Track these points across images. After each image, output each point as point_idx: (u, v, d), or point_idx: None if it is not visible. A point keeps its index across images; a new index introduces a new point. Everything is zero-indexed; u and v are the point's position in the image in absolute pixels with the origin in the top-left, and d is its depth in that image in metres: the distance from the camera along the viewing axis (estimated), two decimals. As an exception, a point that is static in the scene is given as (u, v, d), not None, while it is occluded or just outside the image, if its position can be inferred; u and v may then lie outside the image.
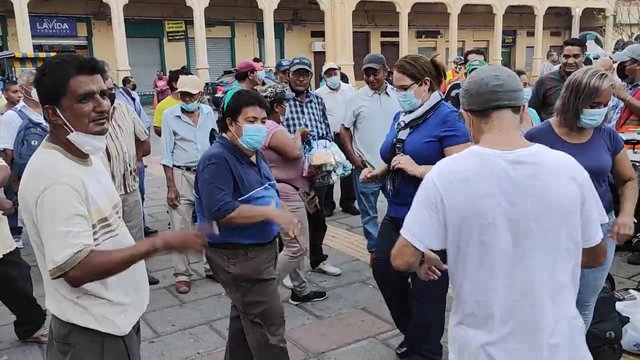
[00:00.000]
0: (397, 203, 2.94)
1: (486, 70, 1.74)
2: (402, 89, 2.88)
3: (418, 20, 31.96)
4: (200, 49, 24.72)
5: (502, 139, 1.66)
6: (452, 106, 3.01)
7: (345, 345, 3.51)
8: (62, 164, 1.76)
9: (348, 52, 28.18)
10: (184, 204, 4.47)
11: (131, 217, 4.32)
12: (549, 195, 1.60)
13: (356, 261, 4.96)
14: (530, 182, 1.60)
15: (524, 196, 1.60)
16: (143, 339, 3.62)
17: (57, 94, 1.73)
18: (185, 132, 4.44)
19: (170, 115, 4.49)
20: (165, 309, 4.13)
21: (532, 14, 34.18)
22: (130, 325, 1.91)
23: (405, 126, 2.94)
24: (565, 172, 1.64)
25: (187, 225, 4.51)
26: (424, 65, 2.89)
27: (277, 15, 26.63)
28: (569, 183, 1.62)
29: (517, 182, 1.60)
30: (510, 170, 1.60)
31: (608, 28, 32.41)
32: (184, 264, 4.50)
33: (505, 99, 1.67)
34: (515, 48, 37.22)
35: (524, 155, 1.63)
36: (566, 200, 1.61)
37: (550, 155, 1.67)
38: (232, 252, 2.67)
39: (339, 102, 5.64)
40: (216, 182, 2.57)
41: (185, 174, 4.45)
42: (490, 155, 1.63)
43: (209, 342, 3.63)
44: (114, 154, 4.05)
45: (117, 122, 4.14)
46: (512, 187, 1.60)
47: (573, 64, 4.71)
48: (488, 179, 1.60)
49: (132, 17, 23.66)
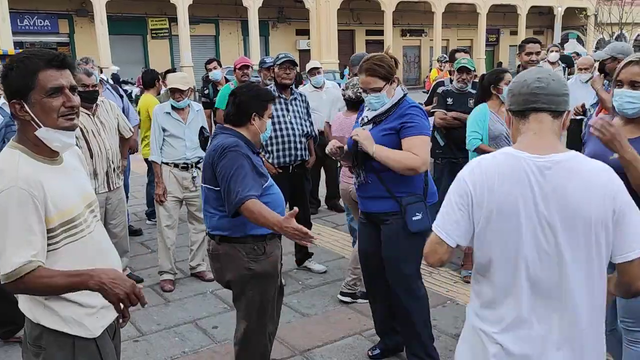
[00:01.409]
0: (365, 197, 2.96)
1: (531, 71, 1.71)
2: (376, 91, 2.87)
3: (403, 19, 32.09)
4: (184, 46, 24.53)
5: (535, 143, 1.64)
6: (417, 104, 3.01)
7: (331, 343, 3.52)
8: (22, 166, 1.70)
9: (333, 51, 28.19)
10: (171, 200, 4.44)
11: (115, 215, 4.29)
12: (577, 206, 1.56)
13: (341, 258, 4.97)
14: (559, 191, 1.57)
15: (550, 204, 1.58)
16: (127, 338, 3.61)
17: (26, 88, 1.68)
18: (174, 129, 4.40)
19: (160, 111, 4.46)
20: (150, 308, 4.10)
21: (515, 13, 34.48)
22: (101, 328, 1.87)
23: (369, 122, 2.95)
24: (599, 183, 1.58)
25: (173, 222, 4.48)
26: (389, 63, 2.88)
27: (262, 13, 26.53)
28: (601, 196, 1.57)
29: (544, 189, 1.58)
30: (539, 175, 1.59)
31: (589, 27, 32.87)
32: (169, 262, 4.47)
33: (545, 102, 1.64)
34: (499, 47, 37.53)
35: (556, 162, 1.60)
36: (595, 213, 1.56)
37: (586, 165, 1.62)
38: (251, 247, 2.64)
39: (323, 100, 5.65)
40: (239, 168, 2.53)
41: (173, 171, 4.42)
42: (520, 158, 1.62)
43: (194, 340, 3.61)
44: (96, 151, 4.01)
45: (99, 119, 4.10)
46: (538, 193, 1.58)
47: (535, 61, 4.91)
48: (515, 182, 1.60)
49: (114, 14, 23.41)
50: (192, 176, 4.44)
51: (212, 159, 2.61)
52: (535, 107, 1.65)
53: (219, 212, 2.65)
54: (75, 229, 1.81)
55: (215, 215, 2.67)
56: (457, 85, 4.79)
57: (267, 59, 5.74)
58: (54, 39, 24.52)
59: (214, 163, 2.59)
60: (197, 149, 4.48)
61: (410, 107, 2.89)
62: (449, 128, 4.68)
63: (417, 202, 2.91)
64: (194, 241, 4.63)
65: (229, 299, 4.20)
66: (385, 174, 2.89)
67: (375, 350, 3.38)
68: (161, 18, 26.38)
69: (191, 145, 4.43)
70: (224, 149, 2.57)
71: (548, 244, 1.59)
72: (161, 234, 4.48)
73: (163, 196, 4.40)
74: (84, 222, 1.84)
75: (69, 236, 1.79)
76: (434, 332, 3.57)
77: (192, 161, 4.45)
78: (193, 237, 4.64)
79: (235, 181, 2.50)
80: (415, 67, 34.15)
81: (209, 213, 2.72)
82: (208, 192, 2.68)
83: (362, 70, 2.91)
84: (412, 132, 2.82)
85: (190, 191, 4.47)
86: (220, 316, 3.94)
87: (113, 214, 4.28)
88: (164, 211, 4.45)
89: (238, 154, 2.56)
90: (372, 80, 2.86)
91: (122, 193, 4.40)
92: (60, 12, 24.23)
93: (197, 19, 25.96)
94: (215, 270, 2.84)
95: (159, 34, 26.76)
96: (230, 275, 2.71)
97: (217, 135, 2.73)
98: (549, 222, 1.58)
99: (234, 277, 2.70)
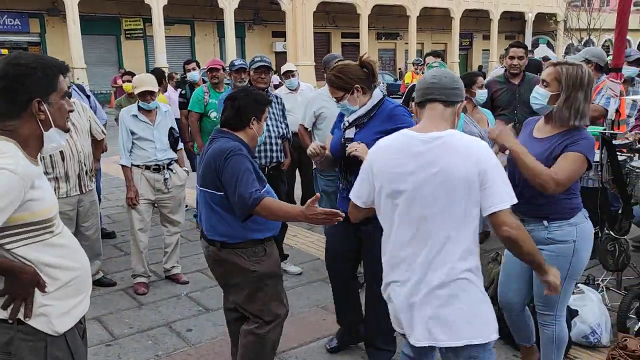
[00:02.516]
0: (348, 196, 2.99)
1: (431, 71, 2.14)
2: (338, 100, 2.97)
3: (378, 22, 32.35)
4: (159, 47, 24.29)
5: (425, 125, 2.07)
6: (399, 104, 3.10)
7: (306, 344, 3.53)
8: (20, 160, 1.73)
9: (309, 53, 28.25)
10: (143, 203, 4.40)
11: (87, 218, 4.23)
12: (450, 170, 1.95)
13: (317, 260, 4.98)
14: (436, 158, 1.97)
15: (430, 168, 1.97)
16: (99, 342, 3.56)
17: (50, 89, 1.81)
18: (142, 131, 4.36)
19: (126, 114, 4.40)
20: (123, 311, 4.05)
21: (488, 18, 35.09)
22: (68, 326, 1.86)
23: (350, 125, 3.00)
24: (467, 152, 1.96)
25: (146, 225, 4.44)
26: (350, 73, 2.91)
27: (238, 15, 26.45)
28: (468, 162, 1.94)
29: (426, 158, 1.98)
30: (421, 147, 2.00)
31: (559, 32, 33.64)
32: (142, 265, 4.43)
33: (437, 93, 2.06)
34: (472, 51, 38.11)
35: (435, 137, 2.00)
36: (465, 176, 1.94)
37: (460, 139, 2.00)
38: (252, 250, 2.66)
39: (298, 103, 5.66)
40: (247, 171, 2.53)
41: (144, 173, 4.37)
42: (410, 136, 2.06)
43: (168, 343, 3.58)
44: (68, 153, 3.95)
45: (71, 121, 4.03)
46: (422, 161, 1.99)
47: (518, 65, 4.88)
48: (403, 153, 2.03)
49: (87, 13, 23.06)
50: (164, 178, 4.40)
51: (216, 163, 2.57)
52: (430, 97, 2.08)
53: (218, 217, 2.64)
54: (49, 228, 1.82)
55: (215, 219, 2.65)
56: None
57: (237, 61, 5.73)
58: (25, 38, 24.04)
59: (218, 167, 2.56)
60: (168, 150, 4.44)
61: (395, 108, 2.99)
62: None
63: None
64: (168, 244, 4.59)
65: (203, 302, 4.20)
66: None
67: (333, 342, 3.45)
68: (135, 18, 26.07)
69: (161, 147, 4.39)
70: (228, 153, 2.55)
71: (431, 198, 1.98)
72: (134, 237, 4.43)
73: (135, 199, 4.36)
74: (57, 225, 1.86)
75: (39, 235, 1.79)
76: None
77: (164, 163, 4.41)
78: (167, 239, 4.60)
79: (246, 183, 2.50)
80: (390, 70, 34.43)
81: (208, 217, 2.69)
82: (208, 197, 2.65)
83: (326, 79, 3.03)
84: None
85: (163, 193, 4.43)
86: (195, 319, 3.91)
87: (85, 217, 4.22)
88: (136, 214, 4.40)
89: (243, 157, 2.57)
90: (332, 91, 2.98)
91: (95, 195, 4.34)
92: (31, 11, 23.75)
93: (172, 20, 25.74)
94: (218, 274, 2.82)
95: (133, 35, 26.44)
96: (237, 280, 2.71)
97: (217, 139, 2.70)
98: (429, 182, 1.98)
99: (242, 281, 2.70)
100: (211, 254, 2.74)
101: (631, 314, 3.45)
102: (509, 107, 4.81)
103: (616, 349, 3.15)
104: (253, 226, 2.62)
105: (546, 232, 2.64)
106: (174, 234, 4.57)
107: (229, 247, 2.65)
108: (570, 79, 2.52)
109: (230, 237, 2.64)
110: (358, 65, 2.95)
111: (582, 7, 31.68)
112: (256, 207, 2.47)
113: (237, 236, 2.63)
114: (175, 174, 4.48)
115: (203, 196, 2.69)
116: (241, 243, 2.64)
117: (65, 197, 4.01)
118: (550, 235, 2.63)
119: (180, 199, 4.59)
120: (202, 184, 2.68)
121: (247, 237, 2.64)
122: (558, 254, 2.62)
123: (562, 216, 2.63)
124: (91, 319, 3.90)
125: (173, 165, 4.50)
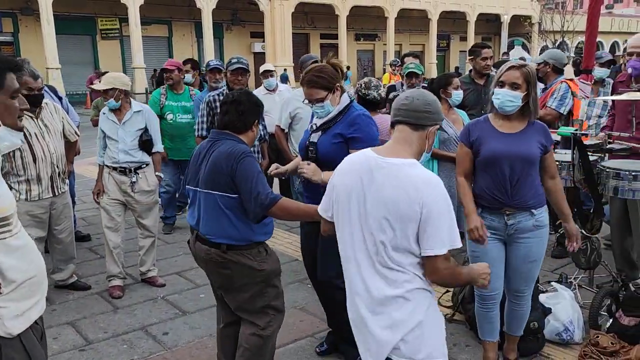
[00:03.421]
0: (311, 197, 2.99)
1: (407, 92, 2.07)
2: (319, 101, 2.91)
3: (356, 23, 32.46)
4: (135, 47, 24.01)
5: (389, 147, 2.01)
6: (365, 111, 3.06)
7: (284, 345, 3.52)
8: None
9: (288, 53, 28.22)
10: (111, 203, 4.33)
11: (60, 221, 4.16)
12: (390, 201, 1.88)
13: (295, 261, 4.98)
14: (380, 187, 1.91)
15: (371, 194, 1.93)
16: (72, 348, 3.51)
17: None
18: (109, 130, 4.29)
19: (101, 113, 4.39)
20: (97, 315, 4.00)
21: (465, 20, 35.49)
22: (22, 328, 1.83)
23: (317, 129, 3.00)
24: (414, 187, 1.87)
25: (115, 224, 4.35)
26: (330, 73, 2.92)
27: (216, 15, 26.28)
28: (412, 199, 1.85)
29: (373, 183, 1.93)
30: (373, 172, 1.94)
31: (534, 34, 34.17)
32: (116, 266, 4.36)
33: (405, 116, 1.99)
34: (450, 52, 38.50)
35: (391, 164, 1.93)
36: (404, 208, 1.86)
37: (413, 172, 1.91)
38: (256, 250, 2.68)
39: (276, 103, 5.63)
40: (260, 173, 2.56)
41: (112, 174, 4.30)
42: (370, 157, 1.99)
43: (143, 347, 3.54)
44: (40, 155, 3.88)
45: (43, 122, 3.97)
46: (367, 185, 1.94)
47: (489, 66, 5.08)
48: (352, 175, 1.99)
49: (62, 13, 22.68)
50: (130, 181, 4.30)
51: (229, 165, 2.54)
52: (399, 119, 2.01)
53: (228, 220, 2.60)
54: (8, 226, 1.80)
55: (225, 222, 2.60)
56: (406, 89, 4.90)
57: (212, 61, 5.69)
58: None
59: (232, 169, 2.53)
60: (135, 152, 4.31)
61: (359, 116, 2.95)
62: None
63: None
64: (142, 246, 4.53)
65: (180, 305, 4.16)
66: None
67: (323, 346, 3.44)
68: (111, 18, 25.74)
69: (124, 147, 4.26)
70: (241, 155, 2.56)
71: (366, 226, 1.94)
72: (104, 237, 4.37)
73: (98, 195, 4.32)
74: (14, 224, 1.84)
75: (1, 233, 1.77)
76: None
77: (130, 166, 4.29)
78: (140, 242, 4.54)
79: (263, 184, 2.53)
80: (368, 71, 34.58)
81: (213, 220, 2.63)
82: (220, 200, 2.59)
83: (303, 82, 2.97)
84: (360, 145, 2.86)
85: (130, 196, 4.34)
86: (171, 322, 3.88)
87: (58, 219, 4.15)
88: (104, 212, 4.34)
89: (254, 159, 2.61)
90: (314, 92, 2.91)
91: (68, 198, 4.26)
92: (4, 10, 23.25)
93: (149, 20, 25.47)
94: (222, 278, 2.74)
95: (109, 35, 26.09)
96: (244, 280, 2.69)
97: (220, 141, 2.68)
98: (367, 209, 1.94)
99: (249, 282, 2.69)
100: (213, 257, 2.66)
101: (603, 311, 3.52)
102: (477, 106, 4.91)
103: (588, 346, 3.21)
104: (259, 229, 2.66)
105: (533, 219, 2.87)
106: (147, 237, 4.51)
107: (235, 249, 2.63)
108: (533, 78, 2.80)
109: (237, 240, 2.63)
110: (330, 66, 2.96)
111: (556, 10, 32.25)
112: (272, 208, 2.52)
113: (245, 238, 2.63)
114: (142, 179, 4.36)
115: (210, 199, 2.62)
116: (247, 245, 2.65)
117: (38, 199, 3.94)
118: (537, 222, 2.89)
119: (150, 204, 4.45)
120: (210, 187, 2.61)
121: (253, 239, 2.65)
122: (541, 237, 2.93)
123: (541, 202, 2.90)
124: (64, 324, 3.84)
125: (144, 169, 4.38)
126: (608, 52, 6.55)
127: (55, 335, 3.68)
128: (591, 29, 3.52)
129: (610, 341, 3.18)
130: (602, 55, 5.47)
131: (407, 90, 4.83)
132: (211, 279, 2.87)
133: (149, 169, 4.43)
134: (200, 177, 2.66)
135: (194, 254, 2.83)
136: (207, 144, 2.71)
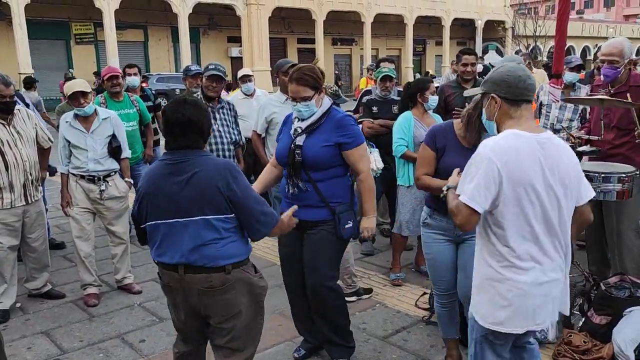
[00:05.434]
0: (300, 205, 2.98)
1: (521, 69, 2.19)
2: (306, 99, 2.94)
3: (333, 28, 32.59)
4: (111, 52, 23.71)
5: (530, 125, 2.17)
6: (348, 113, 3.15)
7: (262, 350, 3.51)
8: None
9: (265, 58, 28.19)
10: (80, 212, 4.24)
11: (33, 229, 4.10)
12: (566, 168, 2.13)
13: (273, 266, 4.97)
14: (555, 159, 2.11)
15: (551, 169, 2.09)
16: (47, 357, 3.46)
17: None
18: (75, 139, 4.15)
19: (62, 121, 4.23)
20: (72, 324, 3.94)
21: (440, 25, 35.92)
22: None
23: (302, 132, 3.01)
24: (570, 152, 2.20)
25: (85, 233, 4.26)
26: (319, 74, 2.98)
27: (193, 20, 26.13)
28: (573, 161, 2.18)
29: (547, 159, 2.09)
30: (540, 149, 2.09)
31: (508, 39, 34.79)
32: (89, 274, 4.28)
33: (531, 95, 2.19)
34: (426, 56, 38.90)
35: (547, 138, 2.13)
36: (572, 172, 2.16)
37: (560, 140, 2.21)
38: (251, 264, 2.53)
39: (254, 108, 5.64)
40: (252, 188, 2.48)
41: (79, 182, 4.22)
42: (528, 137, 2.10)
43: (120, 356, 3.50)
44: (12, 162, 3.82)
45: (16, 129, 3.91)
46: (544, 162, 2.08)
47: (471, 72, 5.06)
48: (530, 155, 2.07)
49: (35, 17, 22.30)
50: (99, 189, 4.22)
51: (224, 184, 2.29)
52: (528, 98, 2.17)
53: (226, 241, 2.36)
54: None
55: (224, 243, 2.36)
56: (380, 93, 4.96)
57: (193, 67, 5.66)
58: (-33, 42, 23.05)
59: (228, 187, 2.29)
60: (106, 159, 4.23)
61: (344, 117, 3.04)
62: (377, 135, 4.83)
63: (347, 211, 3.07)
64: (114, 254, 4.46)
65: (157, 311, 4.13)
66: (322, 184, 3.00)
67: (300, 351, 3.43)
68: (86, 23, 25.39)
69: (94, 156, 4.17)
70: (233, 170, 2.35)
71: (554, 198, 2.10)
72: (75, 247, 4.30)
73: (67, 207, 4.23)
74: None
75: None
76: (364, 335, 3.67)
77: (100, 174, 4.21)
78: (112, 250, 4.47)
79: (262, 202, 2.43)
80: (346, 75, 34.74)
81: (208, 246, 2.34)
82: (216, 223, 2.32)
83: (292, 79, 2.97)
84: (353, 146, 3.01)
85: (99, 203, 4.27)
86: (148, 329, 3.84)
87: (31, 228, 4.09)
88: (73, 222, 4.25)
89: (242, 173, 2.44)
90: (302, 89, 2.92)
91: (41, 205, 4.20)
92: (-26, 15, 22.80)
93: (125, 25, 25.21)
94: (223, 304, 2.42)
95: (83, 39, 25.72)
96: (247, 299, 2.47)
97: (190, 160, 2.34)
98: (552, 183, 2.09)
99: (248, 301, 2.48)
100: (215, 284, 2.37)
101: (575, 310, 3.59)
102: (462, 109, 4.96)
103: (562, 345, 3.28)
104: (248, 242, 2.51)
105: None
106: (118, 245, 4.44)
107: (237, 267, 2.41)
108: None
109: (238, 256, 2.42)
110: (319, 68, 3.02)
111: (529, 15, 32.88)
112: (275, 228, 2.49)
113: (244, 252, 2.45)
114: (112, 186, 4.28)
115: (199, 225, 2.32)
116: (245, 260, 2.46)
117: (10, 207, 3.87)
118: None
119: (120, 210, 4.38)
120: (201, 212, 2.31)
121: (249, 252, 2.50)
122: None
123: None
124: (38, 333, 3.78)
125: (113, 176, 4.31)
126: (579, 56, 6.69)
127: (29, 345, 3.62)
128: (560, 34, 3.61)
129: (582, 340, 3.24)
130: (571, 60, 5.60)
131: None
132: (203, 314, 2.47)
133: (117, 176, 4.36)
134: (181, 206, 2.32)
135: (174, 291, 2.47)
136: (165, 168, 2.36)
